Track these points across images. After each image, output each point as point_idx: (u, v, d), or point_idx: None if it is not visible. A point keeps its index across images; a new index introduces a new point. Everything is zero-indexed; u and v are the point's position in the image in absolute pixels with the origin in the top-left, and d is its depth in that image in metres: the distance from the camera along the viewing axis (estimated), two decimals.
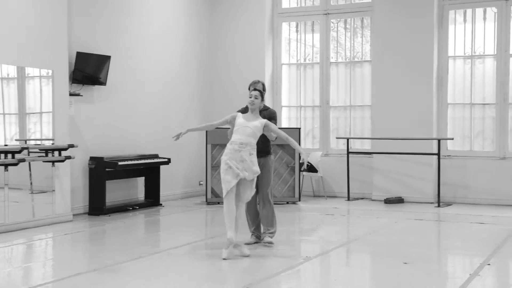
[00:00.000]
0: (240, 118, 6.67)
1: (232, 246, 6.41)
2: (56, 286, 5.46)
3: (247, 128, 6.55)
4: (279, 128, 6.87)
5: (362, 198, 11.42)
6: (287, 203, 10.68)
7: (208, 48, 12.30)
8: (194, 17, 11.95)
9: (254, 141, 6.56)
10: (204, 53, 12.19)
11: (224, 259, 6.30)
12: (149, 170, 10.40)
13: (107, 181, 9.45)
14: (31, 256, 6.99)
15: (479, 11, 10.98)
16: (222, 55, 12.29)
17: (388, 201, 10.80)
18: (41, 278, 5.84)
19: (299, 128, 10.95)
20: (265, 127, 6.61)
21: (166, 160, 10.41)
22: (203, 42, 12.17)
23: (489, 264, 6.18)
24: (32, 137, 8.95)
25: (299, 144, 10.62)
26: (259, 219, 7.16)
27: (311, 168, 11.19)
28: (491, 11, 10.88)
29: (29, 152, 8.35)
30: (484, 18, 10.94)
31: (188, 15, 11.81)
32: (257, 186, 6.82)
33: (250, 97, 6.71)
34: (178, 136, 6.71)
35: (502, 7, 10.74)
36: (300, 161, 7.37)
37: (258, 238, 7.15)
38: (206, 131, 10.38)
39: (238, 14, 12.21)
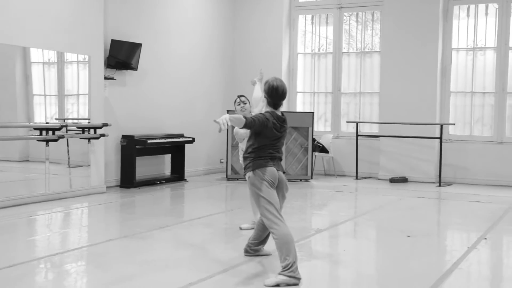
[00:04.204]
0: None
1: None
2: (91, 250, 5.51)
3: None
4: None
5: (369, 177, 11.37)
6: (300, 180, 10.68)
7: (231, 38, 12.25)
8: (220, 8, 11.89)
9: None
10: (227, 43, 12.14)
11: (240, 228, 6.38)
12: (175, 148, 10.42)
13: (137, 157, 9.49)
14: (68, 223, 7.06)
15: (481, 6, 10.80)
16: (243, 44, 12.24)
17: (393, 180, 10.74)
18: (77, 243, 5.88)
19: (313, 112, 10.89)
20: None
21: (191, 139, 10.43)
22: (226, 32, 12.12)
23: (485, 239, 6.15)
24: (70, 117, 9.01)
25: (312, 127, 10.65)
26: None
27: (323, 149, 11.17)
28: (493, 7, 10.70)
29: (67, 130, 8.42)
30: (486, 13, 10.77)
31: (214, 7, 11.75)
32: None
33: (239, 104, 6.26)
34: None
35: (503, 3, 10.56)
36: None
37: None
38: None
39: (258, 7, 12.13)
